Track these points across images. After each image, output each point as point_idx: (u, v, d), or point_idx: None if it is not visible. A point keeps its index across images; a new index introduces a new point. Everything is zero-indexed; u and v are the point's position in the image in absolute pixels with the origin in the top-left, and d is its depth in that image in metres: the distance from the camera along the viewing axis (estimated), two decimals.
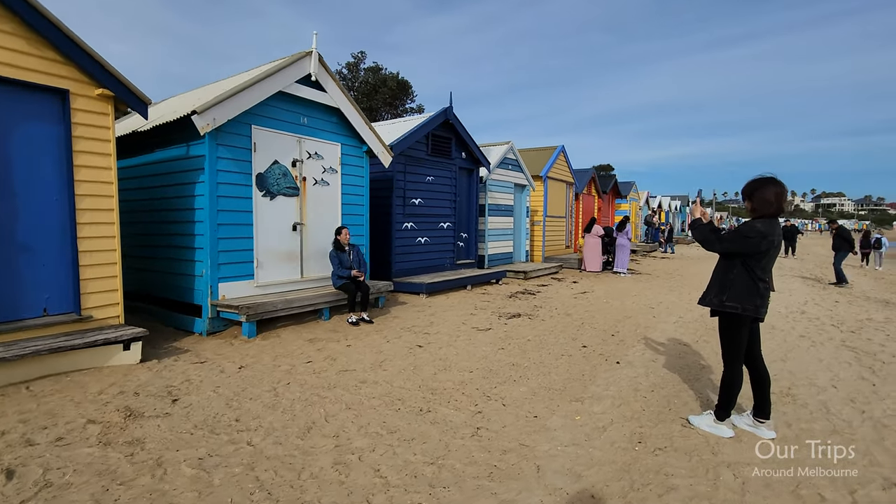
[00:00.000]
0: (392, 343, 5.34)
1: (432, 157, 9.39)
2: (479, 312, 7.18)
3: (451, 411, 3.48)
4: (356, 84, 29.35)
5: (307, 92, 6.40)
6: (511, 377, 4.29)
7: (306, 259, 6.62)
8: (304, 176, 6.55)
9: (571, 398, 3.83)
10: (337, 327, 6.03)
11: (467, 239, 10.66)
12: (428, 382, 4.09)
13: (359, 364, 4.53)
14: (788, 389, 4.15)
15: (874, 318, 7.44)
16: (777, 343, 5.79)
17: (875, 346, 5.67)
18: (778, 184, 3.08)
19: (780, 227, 3.13)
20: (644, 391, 4.03)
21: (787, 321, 7.12)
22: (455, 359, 4.80)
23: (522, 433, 3.16)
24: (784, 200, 3.08)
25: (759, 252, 3.01)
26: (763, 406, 3.22)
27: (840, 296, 9.98)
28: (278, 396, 3.67)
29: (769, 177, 3.12)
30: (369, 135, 7.35)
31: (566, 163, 15.78)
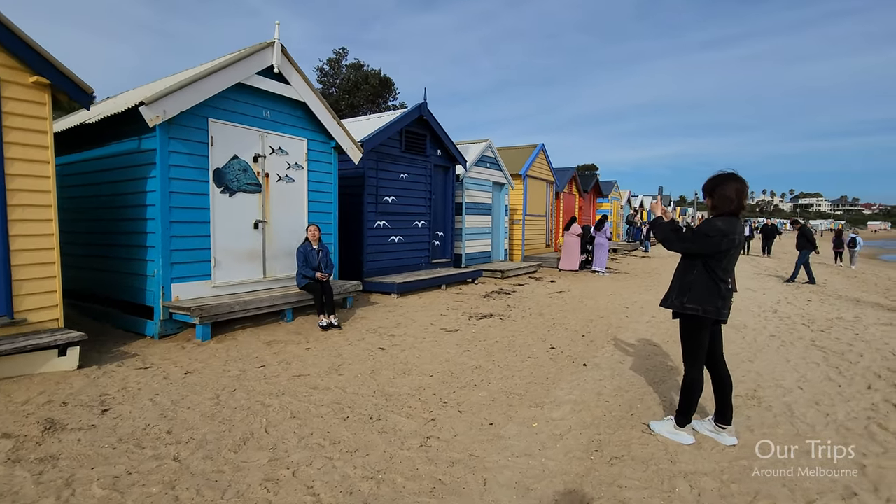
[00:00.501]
0: (354, 346, 5.14)
1: (406, 154, 9.18)
2: (450, 313, 7.01)
3: (403, 419, 3.30)
4: (338, 81, 28.96)
5: (269, 84, 6.15)
6: (472, 381, 4.13)
7: (270, 258, 6.37)
8: (267, 172, 6.30)
9: (531, 403, 3.67)
10: (300, 329, 5.81)
11: (443, 237, 10.48)
12: (384, 388, 3.90)
13: (314, 368, 4.32)
14: (754, 392, 4.05)
15: (844, 317, 7.46)
16: (747, 343, 5.73)
17: (843, 346, 5.64)
18: (739, 180, 2.95)
19: (742, 226, 3.01)
20: (607, 395, 3.90)
21: (759, 320, 7.09)
22: (417, 362, 4.62)
23: (474, 442, 3.00)
24: (745, 197, 2.96)
25: (719, 251, 2.89)
26: (724, 411, 3.10)
27: (813, 294, 10.05)
28: (220, 405, 3.44)
29: (730, 173, 3.00)
30: (337, 130, 7.12)
31: (546, 161, 15.69)
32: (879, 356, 5.25)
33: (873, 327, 6.76)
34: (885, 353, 5.35)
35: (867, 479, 2.69)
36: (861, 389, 4.17)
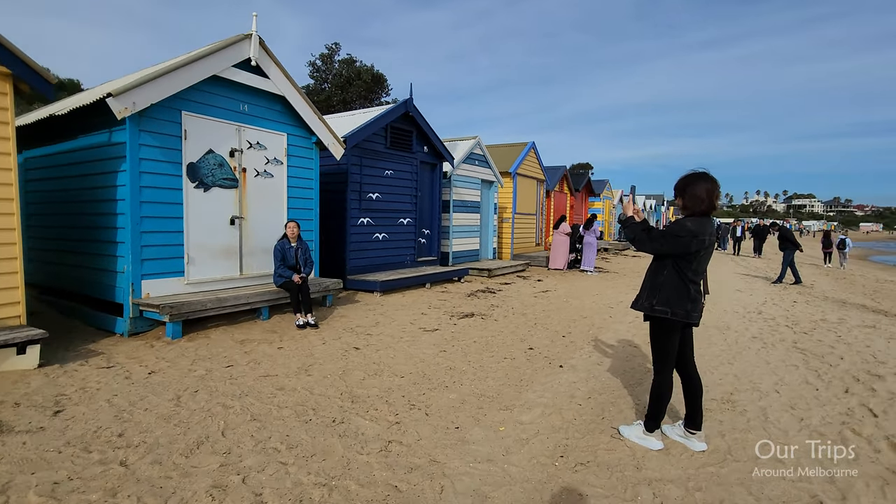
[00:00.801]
0: (328, 345, 5.04)
1: (391, 151, 9.07)
2: (431, 312, 6.92)
3: (367, 422, 3.21)
4: (330, 76, 28.74)
5: (247, 77, 6.02)
6: (444, 383, 4.04)
7: (247, 255, 6.25)
8: (245, 167, 6.17)
9: (501, 406, 3.59)
10: (276, 327, 5.70)
11: (429, 235, 10.39)
12: (353, 389, 3.81)
13: (283, 369, 4.22)
14: (730, 395, 3.99)
15: (828, 319, 7.44)
16: (728, 344, 5.68)
17: (824, 348, 5.60)
18: (710, 180, 2.88)
19: (713, 226, 2.94)
20: (580, 398, 3.82)
21: (743, 321, 7.05)
22: (390, 362, 4.53)
23: (437, 447, 2.91)
24: (716, 197, 2.88)
25: (689, 252, 2.81)
26: (694, 416, 3.03)
27: (799, 296, 10.04)
28: (179, 406, 3.34)
29: (701, 172, 2.92)
30: (318, 125, 7.00)
31: (537, 159, 15.62)
32: (860, 359, 5.21)
33: (856, 329, 6.73)
34: (866, 356, 5.31)
35: (835, 488, 2.62)
36: (838, 393, 4.12)
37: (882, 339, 6.22)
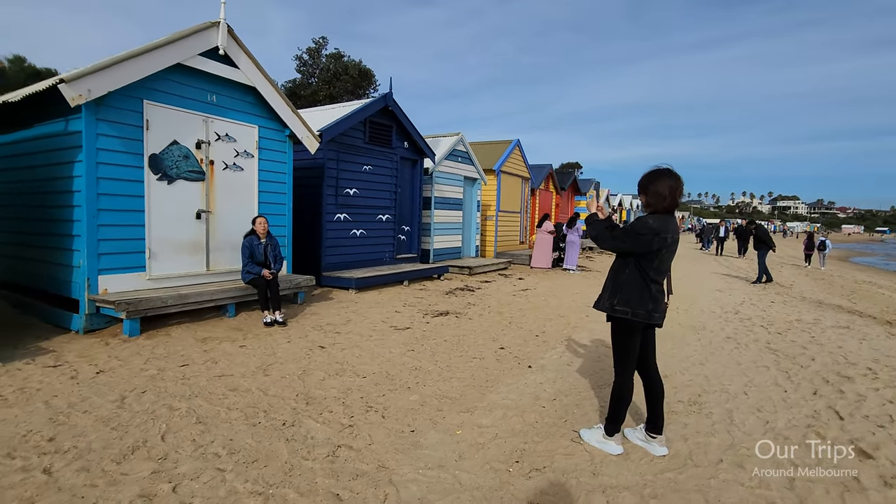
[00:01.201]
0: (293, 343, 4.89)
1: (370, 146, 8.91)
2: (406, 310, 6.79)
3: (319, 425, 3.08)
4: (317, 71, 28.39)
5: (215, 67, 5.82)
6: (406, 383, 3.92)
7: (214, 250, 6.07)
8: (212, 159, 5.98)
9: (462, 408, 3.48)
10: (242, 325, 5.53)
11: (409, 232, 10.25)
12: (310, 390, 3.67)
13: (241, 368, 4.07)
14: (698, 397, 3.92)
15: (804, 319, 7.45)
16: (702, 345, 5.63)
17: (797, 349, 5.58)
18: (673, 176, 2.79)
19: (676, 224, 2.85)
20: (545, 399, 3.73)
21: (719, 321, 7.02)
22: (355, 362, 4.40)
23: (388, 452, 2.79)
24: (679, 194, 2.79)
25: (651, 251, 2.72)
26: (656, 420, 2.94)
27: (778, 296, 10.07)
28: (122, 408, 3.17)
29: (664, 169, 2.82)
30: (291, 118, 6.82)
31: (521, 157, 15.54)
32: (831, 360, 5.19)
33: (830, 330, 6.74)
34: (837, 357, 5.30)
35: (794, 495, 2.55)
36: (806, 395, 4.07)
37: (854, 339, 6.22)
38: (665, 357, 5.05)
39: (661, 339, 5.77)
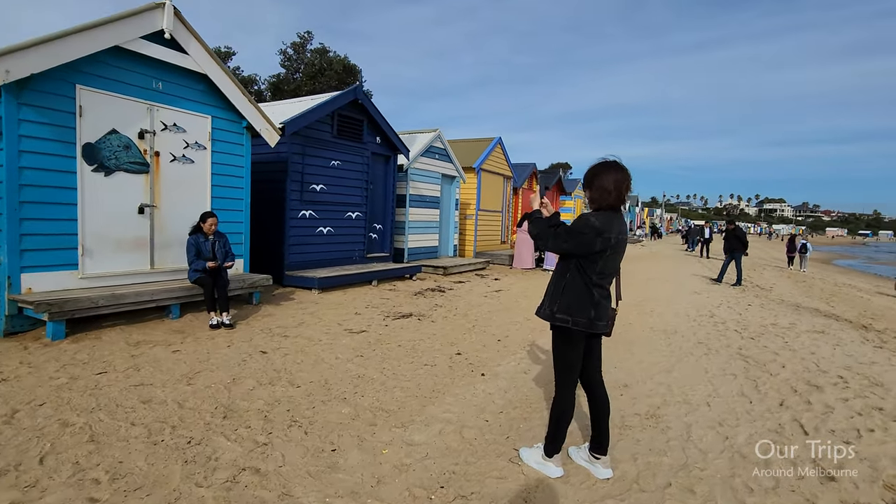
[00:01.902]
0: (233, 348, 4.55)
1: (339, 140, 8.57)
2: (367, 311, 6.47)
3: (229, 443, 2.76)
4: (302, 66, 27.90)
5: (160, 52, 5.45)
6: (343, 394, 3.61)
7: (160, 247, 5.70)
8: (158, 150, 5.61)
9: (397, 423, 3.18)
10: (185, 327, 5.18)
11: (381, 231, 9.92)
12: (234, 401, 3.35)
13: (165, 376, 3.73)
14: (657, 409, 3.66)
15: (779, 323, 7.26)
16: (671, 350, 5.39)
17: (768, 355, 5.36)
18: (620, 170, 2.51)
19: (624, 223, 2.57)
20: (491, 412, 3.44)
21: (692, 325, 6.80)
22: (294, 369, 4.08)
23: (298, 476, 2.48)
24: (626, 190, 2.52)
25: (593, 252, 2.44)
26: (600, 439, 2.67)
27: (756, 299, 9.91)
28: (9, 424, 2.83)
29: (611, 161, 2.55)
30: (248, 108, 6.47)
31: (503, 155, 15.28)
32: (802, 367, 4.97)
33: (805, 335, 6.55)
34: (809, 364, 5.09)
35: None
36: (772, 406, 3.84)
37: (829, 345, 6.03)
38: (630, 364, 4.80)
39: (630, 344, 5.54)
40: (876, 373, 4.91)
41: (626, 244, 2.60)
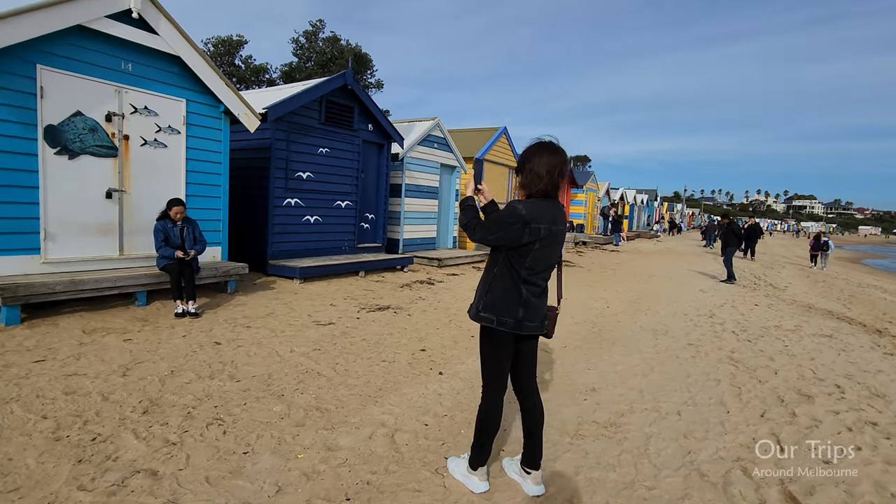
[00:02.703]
0: (188, 338, 4.40)
1: (328, 127, 8.35)
2: (344, 303, 6.28)
3: (136, 442, 2.58)
4: (314, 55, 27.79)
5: (127, 32, 5.29)
6: (282, 390, 3.41)
7: (130, 233, 5.59)
8: (127, 134, 5.48)
9: (328, 424, 2.96)
10: (149, 315, 5.06)
11: (374, 220, 9.71)
12: (164, 395, 3.18)
13: (103, 366, 3.59)
14: (619, 417, 3.37)
15: (783, 326, 6.81)
16: (656, 351, 5.06)
17: (762, 360, 4.98)
18: (554, 152, 2.22)
19: (560, 212, 2.28)
20: (435, 415, 3.20)
21: (687, 325, 6.42)
22: (242, 361, 3.90)
23: (195, 482, 2.28)
24: (561, 175, 2.23)
25: (521, 244, 2.17)
26: (532, 452, 2.40)
27: (766, 298, 9.40)
28: None
29: (545, 142, 2.26)
30: (225, 92, 6.29)
31: (509, 146, 14.89)
32: (796, 374, 4.59)
33: (809, 338, 6.11)
34: (805, 371, 4.70)
35: None
36: (751, 418, 3.50)
37: (833, 350, 5.60)
38: (605, 365, 4.49)
39: (612, 344, 5.22)
40: (879, 383, 4.50)
41: (563, 236, 2.31)
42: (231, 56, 26.66)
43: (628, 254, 18.16)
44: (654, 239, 30.84)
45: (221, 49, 26.06)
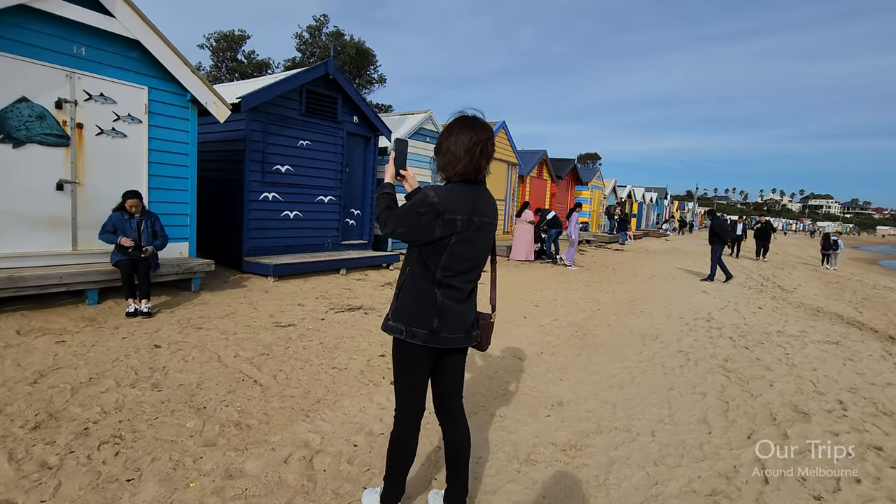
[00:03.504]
0: (127, 340, 4.08)
1: (309, 119, 8.01)
2: (313, 303, 5.93)
3: (6, 465, 2.24)
4: (317, 50, 27.54)
5: (78, 13, 4.97)
6: (206, 402, 3.07)
7: (84, 227, 5.28)
8: (81, 122, 5.18)
9: (242, 444, 2.61)
10: (98, 315, 4.76)
11: (360, 216, 9.36)
12: (67, 407, 2.85)
13: (16, 372, 3.27)
14: (583, 437, 2.97)
15: (786, 331, 6.33)
16: (641, 360, 4.63)
17: (757, 370, 4.53)
18: (476, 127, 1.84)
19: (486, 201, 1.90)
20: (368, 433, 2.83)
21: (681, 330, 5.97)
22: (174, 367, 3.57)
23: None
24: (484, 154, 1.84)
25: (433, 239, 1.79)
26: (455, 487, 2.02)
27: (772, 301, 8.88)
28: None
29: (467, 116, 1.87)
30: (191, 80, 5.97)
31: (508, 141, 14.45)
32: (795, 386, 4.14)
33: (813, 345, 5.63)
34: (804, 383, 4.25)
35: None
36: (736, 439, 3.08)
37: (839, 359, 5.13)
38: (580, 375, 4.08)
39: (593, 350, 4.79)
40: (888, 398, 4.04)
41: (489, 229, 1.92)
42: (233, 51, 26.50)
43: (633, 253, 17.62)
44: (662, 238, 30.15)
45: (223, 44, 25.91)
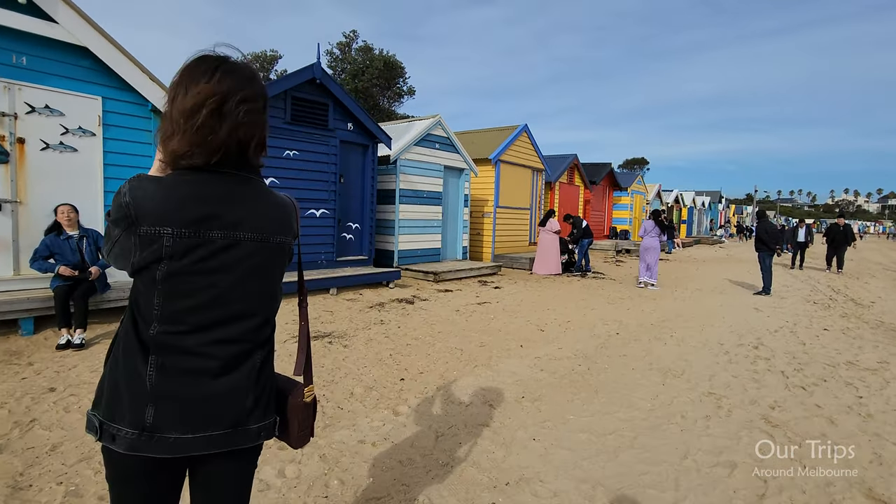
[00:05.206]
0: (27, 381, 3.52)
1: (295, 127, 7.47)
2: (279, 329, 5.24)
3: None
4: (346, 65, 27.71)
5: (14, 19, 4.63)
6: (33, 479, 2.37)
7: (27, 249, 4.84)
8: (22, 136, 4.81)
9: None
10: (28, 347, 4.28)
11: (359, 230, 8.70)
12: None
13: None
14: None
15: (860, 362, 4.99)
16: (654, 406, 3.58)
17: (817, 425, 3.36)
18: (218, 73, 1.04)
19: (261, 211, 1.08)
20: None
21: (718, 361, 4.80)
22: (49, 420, 2.92)
23: None
24: (222, 119, 1.03)
25: (135, 269, 0.99)
26: None
27: (842, 319, 7.37)
28: None
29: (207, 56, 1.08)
30: (150, 88, 5.53)
31: (531, 145, 13.47)
32: (870, 453, 2.97)
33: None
34: (886, 448, 3.05)
35: None
36: None
37: None
38: (563, 432, 3.10)
39: (594, 393, 3.59)
40: None
41: (263, 251, 1.09)
42: (266, 71, 27.10)
43: (678, 262, 16.02)
44: (716, 245, 27.80)
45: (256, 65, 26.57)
